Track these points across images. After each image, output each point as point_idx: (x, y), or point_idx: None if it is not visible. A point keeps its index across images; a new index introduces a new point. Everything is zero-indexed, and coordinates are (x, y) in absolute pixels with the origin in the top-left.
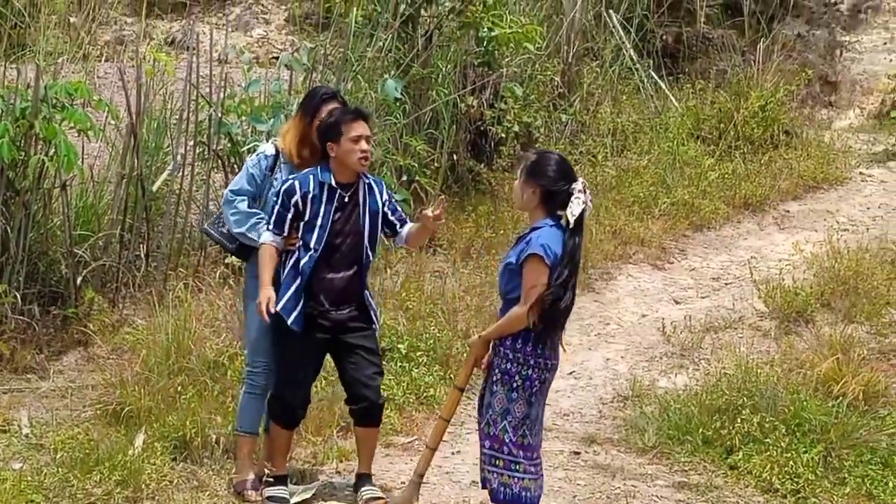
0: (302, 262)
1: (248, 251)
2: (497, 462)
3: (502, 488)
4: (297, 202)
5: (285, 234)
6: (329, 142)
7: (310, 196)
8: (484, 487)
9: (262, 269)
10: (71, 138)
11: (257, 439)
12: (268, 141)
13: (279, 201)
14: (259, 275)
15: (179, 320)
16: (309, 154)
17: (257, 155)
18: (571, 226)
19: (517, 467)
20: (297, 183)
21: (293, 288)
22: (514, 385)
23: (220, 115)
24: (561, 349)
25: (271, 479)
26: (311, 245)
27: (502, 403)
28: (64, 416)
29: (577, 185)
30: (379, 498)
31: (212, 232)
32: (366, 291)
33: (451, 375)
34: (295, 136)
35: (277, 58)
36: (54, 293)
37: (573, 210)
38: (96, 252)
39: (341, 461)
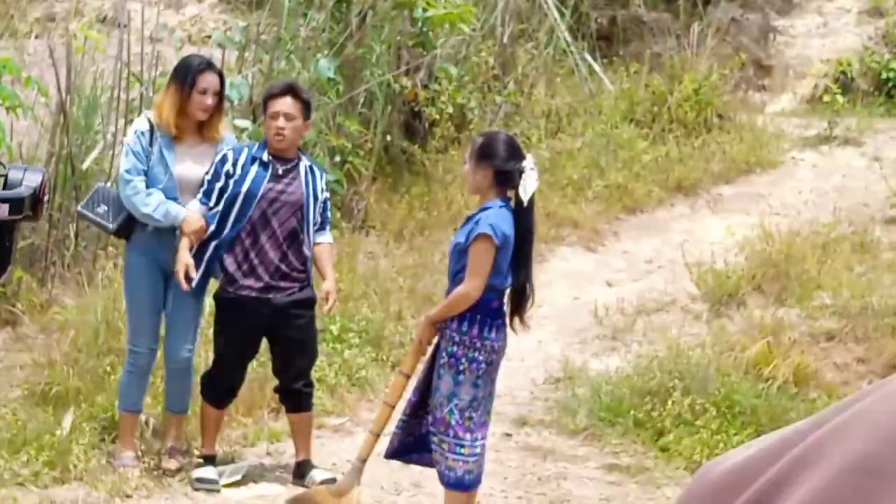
0: (225, 231)
1: (128, 230)
2: (444, 445)
3: (447, 472)
4: (228, 170)
5: (212, 203)
6: (263, 112)
7: (241, 162)
8: (390, 457)
9: (184, 237)
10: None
11: (137, 418)
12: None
13: (212, 171)
14: (180, 241)
15: (108, 300)
16: (186, 125)
17: (133, 133)
18: (525, 204)
19: (462, 450)
20: (230, 152)
21: (209, 252)
22: (461, 368)
23: (151, 93)
24: (522, 330)
25: (200, 460)
26: (232, 213)
27: (448, 387)
28: None
29: (528, 163)
30: (332, 478)
31: (87, 214)
32: (308, 272)
33: (384, 357)
34: (171, 107)
35: (210, 36)
36: None
37: (527, 188)
38: (25, 231)
39: (272, 442)
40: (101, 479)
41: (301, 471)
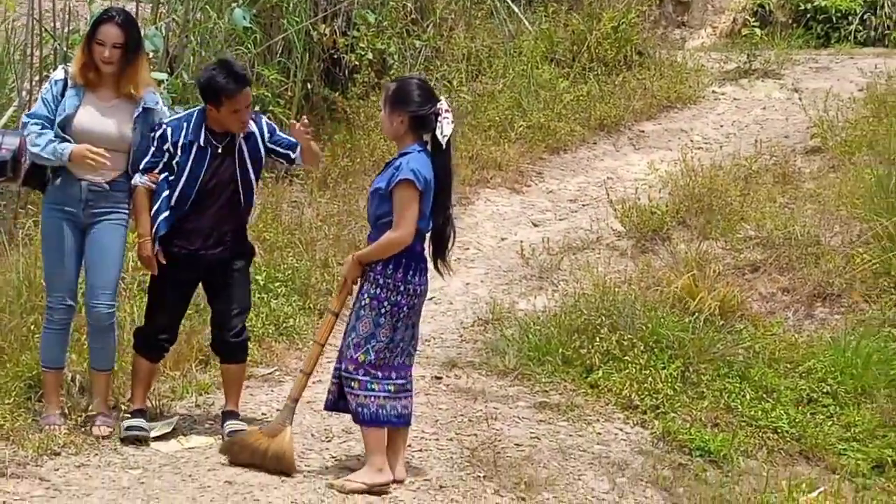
0: (161, 216)
1: (40, 181)
2: (353, 384)
3: (360, 409)
4: (168, 148)
5: (157, 172)
6: (208, 102)
7: (180, 143)
8: (327, 408)
9: (139, 215)
10: None
11: (61, 373)
12: None
13: (153, 146)
14: (136, 219)
15: (30, 258)
16: (92, 77)
17: (49, 81)
18: (443, 147)
19: (373, 386)
20: (168, 130)
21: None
22: (383, 311)
23: (65, 49)
24: (447, 272)
25: (128, 415)
26: (174, 195)
27: (367, 328)
28: None
29: (443, 105)
30: (241, 430)
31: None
32: (243, 232)
33: (311, 305)
34: (79, 60)
35: None
36: None
37: (444, 130)
38: None
39: (200, 395)
40: (28, 438)
41: (223, 419)
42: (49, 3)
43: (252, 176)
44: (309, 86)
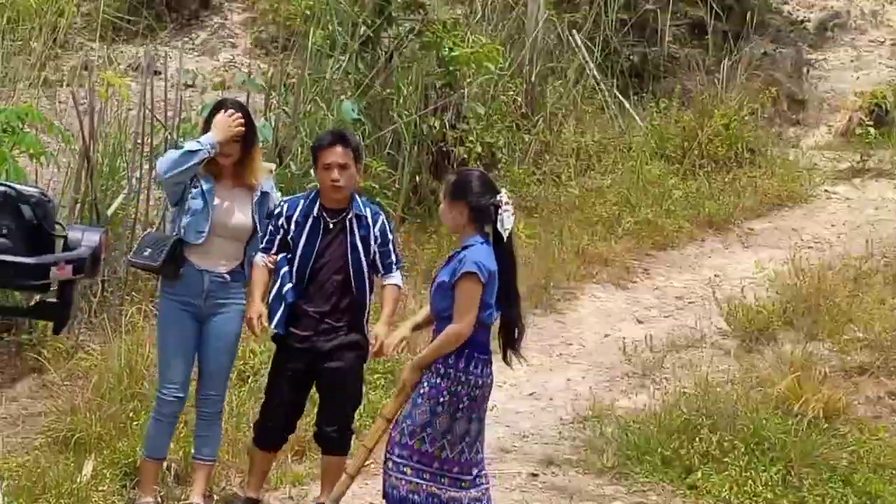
0: (285, 288)
1: (174, 266)
2: (388, 464)
3: (391, 490)
4: (282, 224)
5: (274, 251)
6: (313, 164)
7: (294, 218)
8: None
9: (254, 287)
10: (26, 164)
11: (162, 464)
12: None
13: (271, 226)
14: (250, 292)
15: (133, 346)
16: (220, 168)
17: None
18: (505, 239)
19: (405, 470)
20: (284, 206)
21: (279, 311)
22: (441, 400)
23: (175, 138)
24: (519, 361)
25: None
26: (293, 271)
27: (424, 417)
28: (14, 443)
29: (503, 197)
30: None
31: (136, 261)
32: (362, 321)
33: None
34: None
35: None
36: (8, 320)
37: (505, 223)
38: None
39: (294, 486)
40: None
41: None
42: (161, 93)
43: (362, 258)
44: (417, 178)
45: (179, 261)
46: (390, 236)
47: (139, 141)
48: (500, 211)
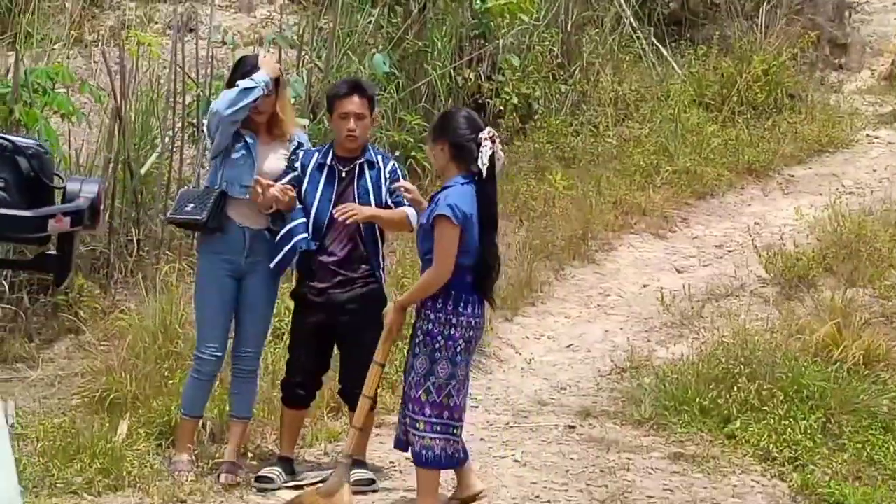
0: (298, 236)
1: (219, 221)
2: (418, 425)
3: (424, 451)
4: (298, 173)
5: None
6: (328, 113)
7: (309, 167)
8: (398, 447)
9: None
10: (57, 124)
11: (198, 423)
12: None
13: (290, 171)
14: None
15: (167, 305)
16: (255, 123)
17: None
18: (484, 175)
19: (437, 428)
20: (301, 153)
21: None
22: (437, 346)
23: (208, 95)
24: (488, 308)
25: (254, 463)
26: (313, 216)
27: (424, 365)
28: (51, 405)
29: (484, 134)
30: (369, 479)
31: (176, 217)
32: (377, 272)
33: None
34: None
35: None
36: (43, 281)
37: (482, 159)
38: (86, 238)
39: (330, 442)
40: (155, 485)
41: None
42: (192, 50)
43: (372, 202)
44: None
45: (222, 215)
46: (399, 174)
47: (171, 99)
48: (480, 147)
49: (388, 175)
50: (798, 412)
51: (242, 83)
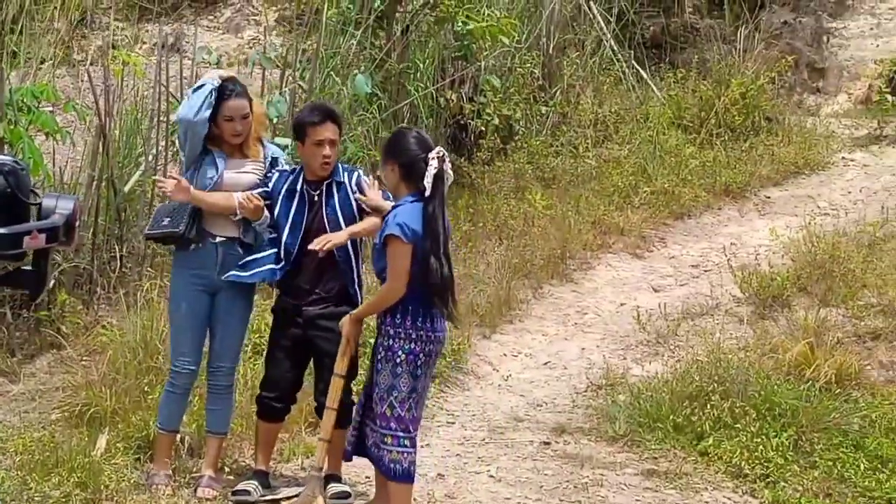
0: (264, 268)
1: (197, 232)
2: (386, 440)
3: (393, 465)
4: (267, 191)
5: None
6: (298, 141)
7: (281, 192)
8: (348, 459)
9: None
10: (43, 143)
11: (176, 436)
12: None
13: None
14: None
15: (148, 320)
16: (218, 146)
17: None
18: (428, 193)
19: (405, 442)
20: (275, 175)
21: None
22: (398, 360)
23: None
24: (455, 323)
25: (230, 478)
26: (283, 241)
27: (387, 381)
28: (32, 419)
29: (432, 154)
30: (344, 492)
31: (153, 232)
32: (352, 288)
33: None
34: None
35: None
36: (26, 295)
37: (427, 178)
38: (69, 254)
39: (307, 457)
40: (133, 499)
41: (326, 483)
42: (175, 69)
43: (341, 222)
44: None
45: (198, 228)
46: (365, 185)
47: (155, 118)
48: (427, 166)
49: (354, 188)
50: (770, 430)
51: (191, 89)
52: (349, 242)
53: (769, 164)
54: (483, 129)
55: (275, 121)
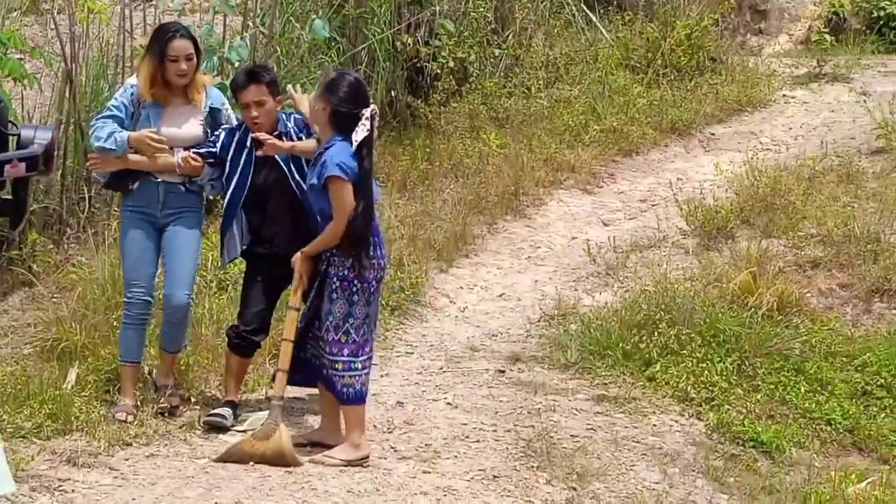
0: (229, 251)
1: (121, 182)
2: (337, 366)
3: (345, 389)
4: (218, 148)
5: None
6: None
7: (229, 153)
8: (295, 384)
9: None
10: (12, 89)
11: (138, 368)
12: None
13: (211, 138)
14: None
15: (116, 258)
16: (161, 91)
17: (124, 86)
18: (354, 148)
19: (356, 366)
20: (223, 134)
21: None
22: (354, 289)
23: None
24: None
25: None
26: (230, 193)
27: (343, 309)
28: (4, 354)
29: (367, 112)
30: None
31: (97, 177)
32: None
33: (384, 302)
34: (145, 75)
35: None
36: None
37: (356, 136)
38: (39, 195)
39: (270, 387)
40: (102, 429)
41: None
42: (140, 17)
43: (297, 175)
44: (392, 93)
45: (131, 176)
46: (304, 124)
47: (120, 64)
48: (358, 124)
49: (295, 128)
50: (715, 355)
51: (106, 143)
52: (298, 179)
53: (713, 102)
54: (438, 71)
55: (236, 64)
